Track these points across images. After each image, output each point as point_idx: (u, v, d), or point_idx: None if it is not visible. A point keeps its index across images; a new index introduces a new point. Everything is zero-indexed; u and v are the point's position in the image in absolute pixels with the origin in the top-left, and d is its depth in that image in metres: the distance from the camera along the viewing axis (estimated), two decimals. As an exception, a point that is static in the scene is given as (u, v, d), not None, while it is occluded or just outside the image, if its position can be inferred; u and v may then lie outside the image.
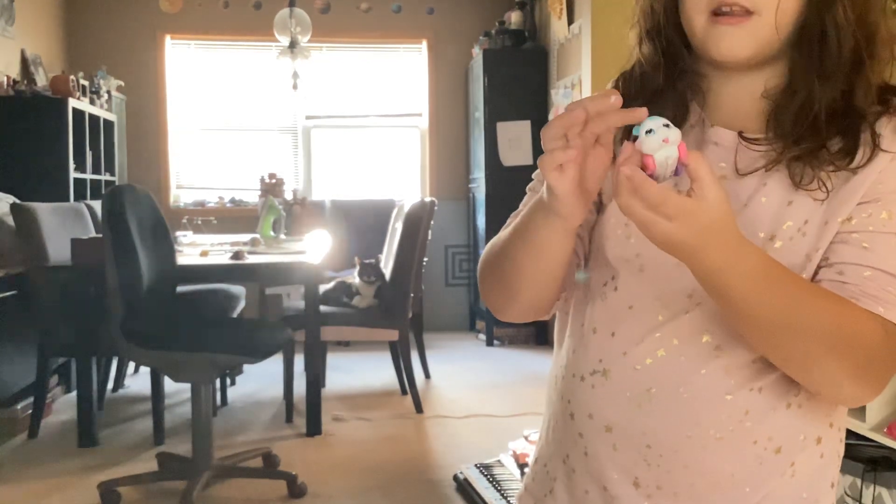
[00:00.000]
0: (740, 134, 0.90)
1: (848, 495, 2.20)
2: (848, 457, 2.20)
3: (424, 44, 6.50)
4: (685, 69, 0.93)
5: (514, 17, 5.94)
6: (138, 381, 4.66)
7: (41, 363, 3.74)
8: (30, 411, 3.77)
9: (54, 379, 4.16)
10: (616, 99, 0.75)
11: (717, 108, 0.93)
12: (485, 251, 0.99)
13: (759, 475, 0.87)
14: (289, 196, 5.70)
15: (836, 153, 0.84)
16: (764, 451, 0.86)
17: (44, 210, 3.83)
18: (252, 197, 6.13)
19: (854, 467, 2.19)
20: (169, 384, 3.64)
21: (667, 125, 0.73)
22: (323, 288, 4.05)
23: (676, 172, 0.74)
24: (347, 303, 4.17)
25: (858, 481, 2.16)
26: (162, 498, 3.03)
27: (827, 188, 0.84)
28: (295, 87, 5.38)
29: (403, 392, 4.41)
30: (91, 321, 3.53)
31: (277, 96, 6.29)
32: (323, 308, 3.91)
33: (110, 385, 4.39)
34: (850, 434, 2.24)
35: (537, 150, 5.70)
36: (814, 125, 0.85)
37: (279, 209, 4.60)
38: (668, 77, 0.93)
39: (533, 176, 1.02)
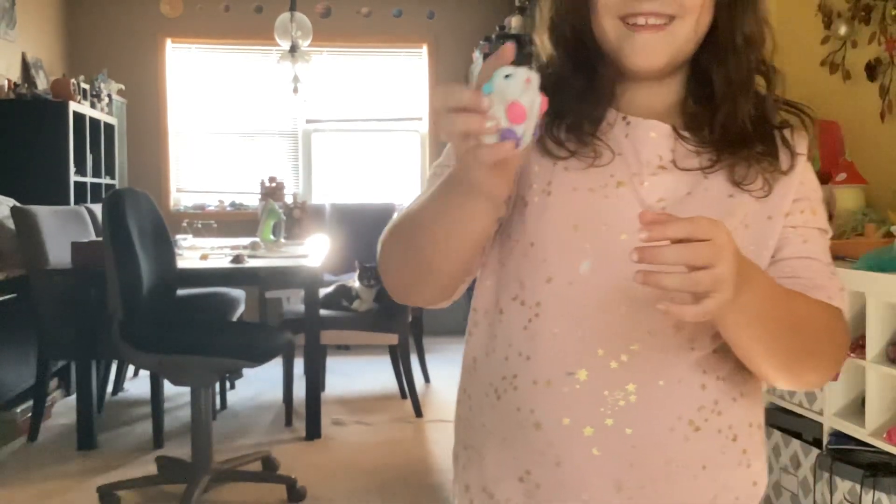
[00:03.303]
0: (674, 128, 0.91)
1: (847, 501, 2.20)
2: (847, 462, 2.21)
3: (425, 48, 6.51)
4: (599, 71, 0.93)
5: (515, 22, 5.95)
6: (138, 384, 4.65)
7: (41, 366, 3.74)
8: (29, 414, 3.77)
9: (54, 382, 4.16)
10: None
11: (632, 110, 0.93)
12: (390, 227, 0.93)
13: (722, 464, 0.88)
14: (289, 200, 5.71)
15: (765, 156, 0.89)
16: (726, 440, 0.88)
17: (44, 213, 3.83)
18: (252, 200, 6.13)
19: (853, 473, 2.19)
20: (168, 387, 3.65)
21: (528, 68, 0.70)
22: (323, 292, 4.06)
23: (534, 133, 0.70)
24: (347, 306, 4.17)
25: (858, 487, 2.16)
26: (161, 501, 3.03)
27: (770, 185, 0.89)
28: (295, 91, 5.38)
29: (403, 396, 4.41)
30: (91, 324, 3.53)
31: (278, 100, 6.29)
32: (323, 312, 3.91)
33: (110, 388, 4.39)
34: (850, 439, 2.25)
35: (537, 155, 5.69)
36: (742, 132, 0.89)
37: (279, 213, 4.60)
38: (584, 79, 0.92)
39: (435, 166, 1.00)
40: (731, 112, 0.89)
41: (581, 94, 0.91)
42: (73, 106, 4.89)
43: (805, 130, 0.93)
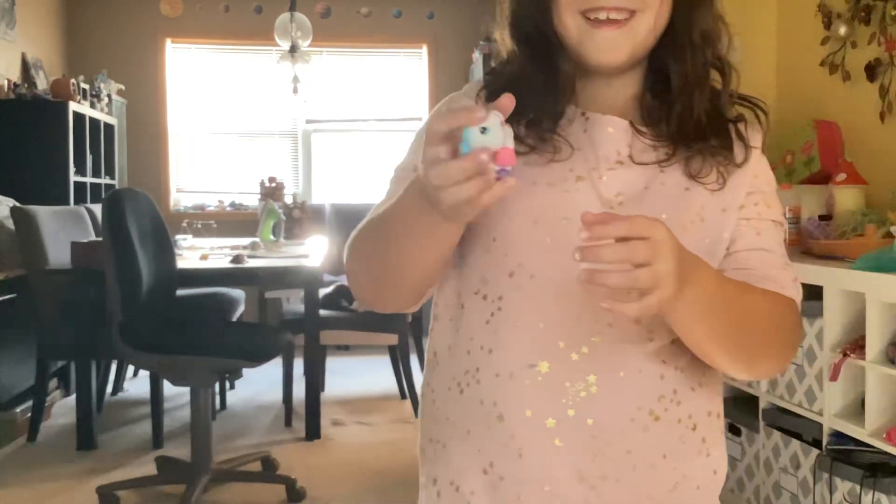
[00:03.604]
0: (631, 123, 0.93)
1: (847, 501, 2.20)
2: (847, 462, 2.21)
3: (425, 48, 6.51)
4: (560, 67, 0.93)
5: (515, 22, 5.95)
6: (137, 384, 4.66)
7: (40, 366, 3.74)
8: (29, 415, 3.77)
9: (53, 382, 4.16)
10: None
11: (592, 105, 0.94)
12: (357, 234, 0.93)
13: (682, 453, 0.90)
14: (289, 200, 5.71)
15: (720, 149, 0.91)
16: (685, 430, 0.90)
17: (44, 213, 3.83)
18: (252, 201, 6.13)
19: (853, 473, 2.18)
20: (168, 388, 3.65)
21: (493, 114, 0.72)
22: (323, 292, 4.05)
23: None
24: (347, 307, 4.17)
25: (857, 487, 2.16)
26: (161, 502, 3.03)
27: (724, 178, 0.91)
28: (295, 91, 5.38)
29: (403, 396, 4.41)
30: (91, 324, 3.53)
31: (278, 100, 6.28)
32: (322, 312, 3.91)
33: (109, 388, 4.39)
34: (849, 439, 2.25)
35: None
36: (697, 126, 0.91)
37: (279, 213, 4.61)
38: (545, 75, 0.93)
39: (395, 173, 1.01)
40: (687, 106, 0.91)
41: (541, 90, 0.92)
42: (73, 106, 4.89)
43: (759, 124, 0.95)
